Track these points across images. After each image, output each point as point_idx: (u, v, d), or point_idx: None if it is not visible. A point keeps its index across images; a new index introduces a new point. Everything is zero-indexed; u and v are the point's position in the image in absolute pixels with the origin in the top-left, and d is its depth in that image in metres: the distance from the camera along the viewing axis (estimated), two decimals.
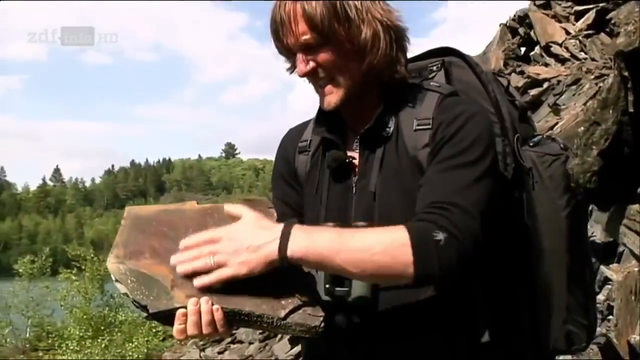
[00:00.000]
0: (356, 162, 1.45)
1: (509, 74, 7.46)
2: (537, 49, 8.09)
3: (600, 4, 7.84)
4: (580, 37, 7.70)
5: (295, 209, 1.54)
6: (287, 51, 1.39)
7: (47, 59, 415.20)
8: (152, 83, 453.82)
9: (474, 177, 1.27)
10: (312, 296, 1.24)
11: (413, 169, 1.36)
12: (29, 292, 17.70)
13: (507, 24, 8.85)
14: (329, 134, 1.46)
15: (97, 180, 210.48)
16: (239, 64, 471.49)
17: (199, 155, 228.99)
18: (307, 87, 1.51)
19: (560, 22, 8.20)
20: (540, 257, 1.43)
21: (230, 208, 1.29)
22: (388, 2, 1.42)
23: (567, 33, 7.93)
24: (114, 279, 1.23)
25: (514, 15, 8.83)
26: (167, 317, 1.20)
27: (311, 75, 1.39)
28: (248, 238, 1.21)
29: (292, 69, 1.43)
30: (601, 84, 4.63)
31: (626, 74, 1.36)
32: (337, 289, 1.30)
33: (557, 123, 5.87)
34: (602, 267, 2.75)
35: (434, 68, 1.51)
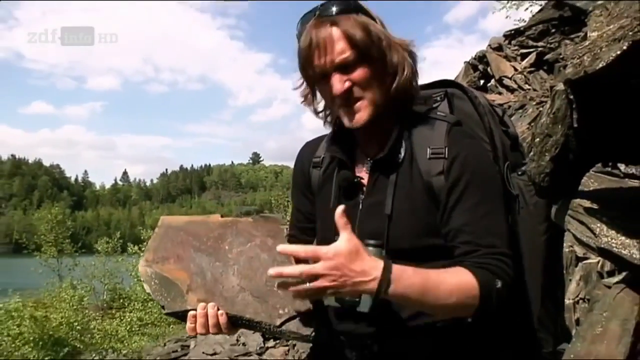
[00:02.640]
0: (364, 181, 1.29)
1: None
2: (492, 82, 8.06)
3: (539, 48, 7.86)
4: (524, 73, 7.68)
5: (307, 216, 1.41)
6: (315, 76, 1.22)
7: (121, 89, 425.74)
8: (198, 106, 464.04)
9: (503, 219, 1.18)
10: (307, 307, 1.12)
11: (425, 193, 1.21)
12: (105, 265, 17.80)
13: (470, 62, 8.81)
14: (340, 154, 1.31)
15: (155, 181, 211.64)
16: (264, 92, 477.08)
17: (232, 162, 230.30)
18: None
19: (510, 61, 8.17)
20: (519, 273, 1.28)
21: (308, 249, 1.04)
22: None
23: (515, 69, 7.90)
24: (142, 279, 1.17)
25: (475, 56, 8.78)
26: (180, 316, 1.14)
27: (345, 95, 1.19)
28: (349, 270, 1.01)
29: (310, 95, 1.30)
30: (541, 109, 4.61)
31: (572, 97, 1.34)
32: (348, 298, 1.13)
33: None
34: None
35: (438, 98, 1.35)
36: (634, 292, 1.71)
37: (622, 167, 1.90)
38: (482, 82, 8.41)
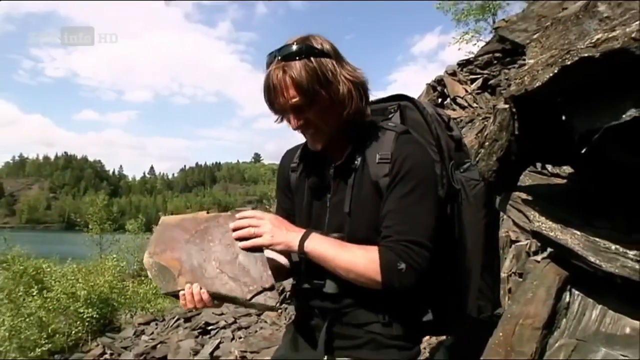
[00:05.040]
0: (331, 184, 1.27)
1: None
2: (448, 100, 8.13)
3: (485, 75, 7.93)
4: (473, 94, 7.75)
5: (288, 212, 1.37)
6: (277, 111, 1.20)
7: (152, 100, 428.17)
8: (212, 115, 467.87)
9: (426, 212, 1.14)
10: (271, 284, 1.17)
11: (374, 192, 1.18)
12: (134, 242, 17.69)
13: (431, 84, 8.88)
14: (308, 162, 1.31)
15: (175, 174, 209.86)
16: (267, 105, 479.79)
17: (238, 160, 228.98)
18: None
19: (462, 84, 8.25)
20: (463, 252, 1.29)
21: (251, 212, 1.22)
22: (349, 61, 1.20)
23: (466, 91, 7.98)
24: (145, 267, 1.19)
25: (435, 79, 8.86)
26: (174, 295, 1.17)
27: (301, 128, 1.20)
28: (283, 226, 1.18)
29: (280, 120, 1.24)
30: (486, 122, 4.66)
31: (514, 110, 1.35)
32: (315, 281, 1.24)
33: None
34: None
35: (392, 110, 1.32)
36: (556, 266, 1.74)
37: (549, 167, 1.93)
38: (440, 100, 8.47)
